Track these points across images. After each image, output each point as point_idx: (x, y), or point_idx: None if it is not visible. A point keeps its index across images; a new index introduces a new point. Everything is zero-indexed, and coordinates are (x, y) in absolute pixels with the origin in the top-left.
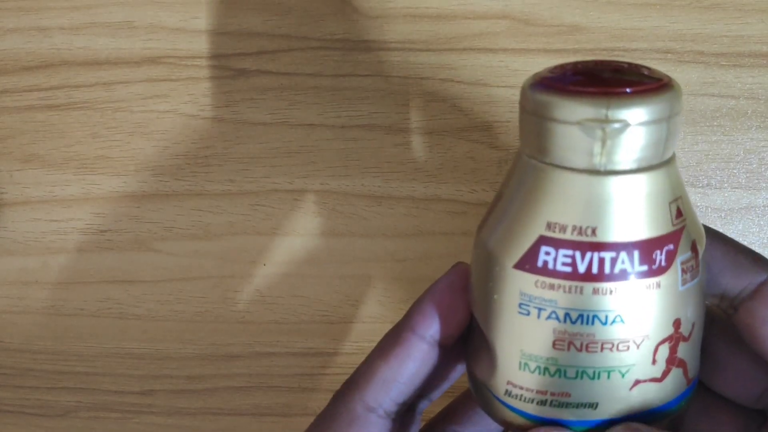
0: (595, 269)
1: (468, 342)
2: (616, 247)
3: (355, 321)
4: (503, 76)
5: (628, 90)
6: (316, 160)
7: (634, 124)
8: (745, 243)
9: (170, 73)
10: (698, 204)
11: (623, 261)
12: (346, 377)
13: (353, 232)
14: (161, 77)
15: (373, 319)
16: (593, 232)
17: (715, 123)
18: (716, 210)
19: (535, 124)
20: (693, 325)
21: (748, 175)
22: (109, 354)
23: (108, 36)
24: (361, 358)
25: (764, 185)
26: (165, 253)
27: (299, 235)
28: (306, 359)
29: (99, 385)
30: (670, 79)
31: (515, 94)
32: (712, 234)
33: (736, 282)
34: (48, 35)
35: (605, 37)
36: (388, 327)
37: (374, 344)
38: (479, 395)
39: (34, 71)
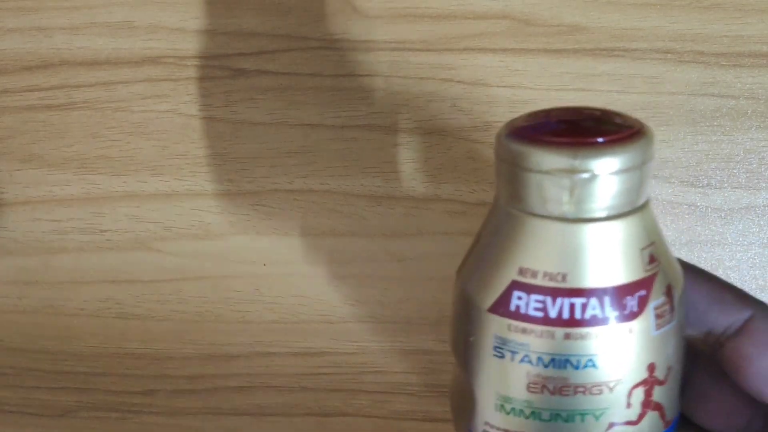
0: (566, 314)
1: (450, 382)
2: (587, 293)
3: (355, 321)
4: (503, 76)
5: (599, 140)
6: (315, 160)
7: (604, 174)
8: (745, 243)
9: (170, 73)
10: (698, 204)
11: (594, 307)
12: (346, 377)
13: (353, 232)
14: (161, 77)
15: (373, 319)
16: (563, 278)
17: (715, 123)
18: (716, 210)
19: (508, 172)
20: (669, 369)
21: (748, 175)
22: (109, 354)
23: (108, 36)
24: (361, 358)
25: (764, 185)
26: (165, 253)
27: (299, 235)
28: (306, 359)
29: (99, 385)
30: (642, 125)
31: (515, 94)
32: (697, 271)
33: (722, 319)
34: (48, 35)
35: (605, 37)
36: (388, 327)
37: (374, 344)
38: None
39: (34, 71)
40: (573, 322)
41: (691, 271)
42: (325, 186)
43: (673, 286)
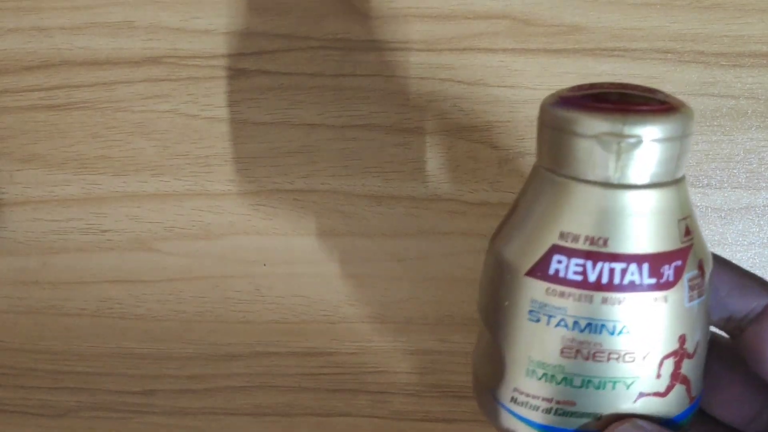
0: (605, 279)
1: (475, 350)
2: (627, 258)
3: (355, 321)
4: (503, 76)
5: (643, 108)
6: (316, 160)
7: (648, 140)
8: (745, 243)
9: (170, 73)
10: (698, 204)
11: (632, 273)
12: (347, 377)
13: (353, 232)
14: (161, 77)
15: (374, 319)
16: (605, 242)
17: (715, 123)
18: (716, 210)
19: (554, 137)
20: (697, 344)
21: (748, 175)
22: (109, 354)
23: (108, 36)
24: (361, 358)
25: (764, 185)
26: (165, 253)
27: (299, 235)
28: (306, 359)
29: (99, 385)
30: (683, 103)
31: (515, 94)
32: (719, 259)
33: (743, 304)
34: (48, 35)
35: (605, 37)
36: (388, 327)
37: (375, 344)
38: (483, 401)
39: (34, 71)
40: (611, 287)
41: (714, 257)
42: (325, 186)
43: (704, 262)
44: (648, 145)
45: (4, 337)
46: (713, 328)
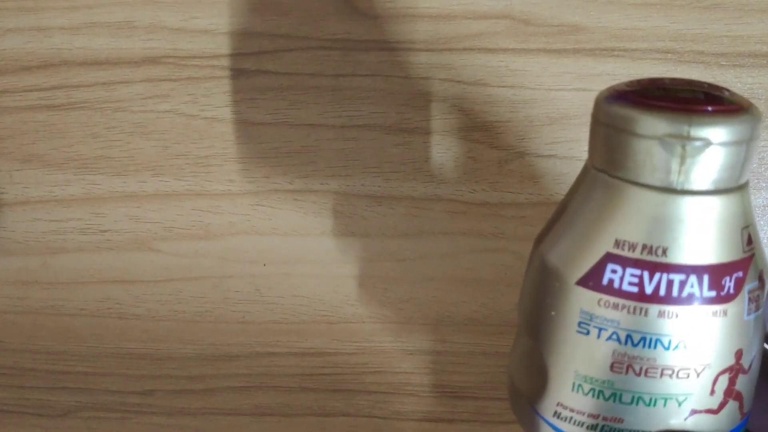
0: (662, 291)
1: (513, 355)
2: (686, 269)
3: (355, 321)
4: (503, 76)
5: (709, 108)
6: (316, 160)
7: (715, 143)
8: None
9: (170, 73)
10: None
11: (692, 285)
12: (347, 377)
13: (353, 232)
14: (161, 77)
15: (373, 319)
16: (664, 252)
17: None
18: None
19: (610, 137)
20: (753, 358)
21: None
22: (109, 354)
23: (108, 36)
24: (362, 358)
25: (764, 185)
26: (165, 253)
27: (299, 235)
28: (306, 359)
29: (99, 385)
30: (750, 103)
31: (515, 94)
32: None
33: None
34: (48, 35)
35: (605, 37)
36: (388, 327)
37: (375, 344)
38: (522, 414)
39: (34, 71)
40: (669, 299)
41: None
42: (325, 186)
43: (765, 272)
44: (714, 148)
45: (4, 337)
46: None
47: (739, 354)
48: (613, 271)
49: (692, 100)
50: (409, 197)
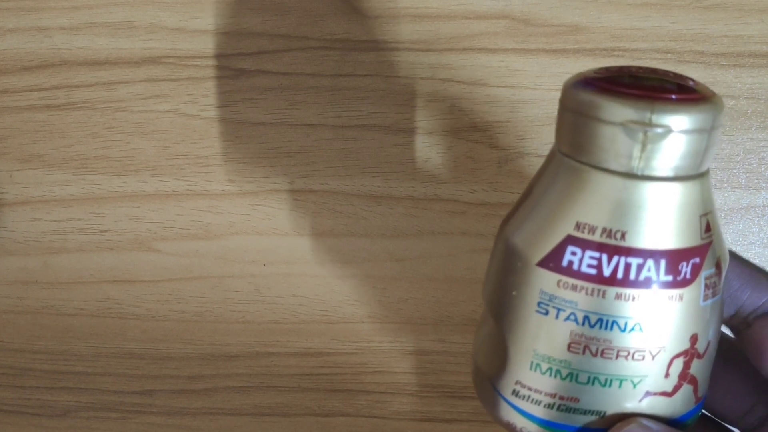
0: (620, 274)
1: (477, 337)
2: (644, 254)
3: (355, 321)
4: (503, 76)
5: (673, 96)
6: (316, 160)
7: (677, 131)
8: (745, 243)
9: (170, 73)
10: None
11: (649, 269)
12: (346, 377)
13: (353, 232)
14: (161, 77)
15: (373, 319)
16: (623, 236)
17: None
18: (716, 210)
19: (575, 122)
20: (708, 343)
21: (748, 175)
22: (109, 354)
23: (108, 36)
24: (361, 358)
25: (764, 185)
26: (165, 253)
27: (299, 235)
28: (306, 359)
29: (99, 385)
30: (714, 93)
31: (515, 94)
32: (733, 254)
33: (754, 299)
34: (48, 35)
35: (605, 37)
36: (388, 327)
37: (374, 344)
38: (483, 392)
39: (34, 71)
40: (626, 282)
41: (729, 253)
42: (325, 186)
43: (722, 260)
44: (676, 135)
45: (4, 337)
46: None
47: (694, 338)
48: (573, 253)
49: (657, 88)
50: (409, 197)
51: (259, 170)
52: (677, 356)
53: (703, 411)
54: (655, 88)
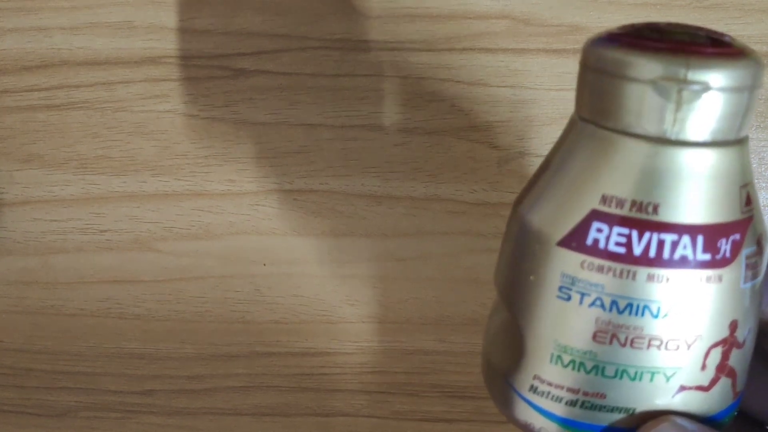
0: (652, 252)
1: (488, 333)
2: (680, 229)
3: (355, 321)
4: (503, 76)
5: (709, 51)
6: (315, 160)
7: (715, 88)
8: None
9: (170, 73)
10: None
11: (685, 246)
12: (347, 377)
13: (353, 232)
14: (161, 77)
15: (373, 319)
16: (655, 209)
17: None
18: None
19: (598, 82)
20: (749, 331)
21: None
22: (109, 354)
23: (108, 36)
24: (361, 358)
25: (764, 185)
26: (165, 253)
27: (299, 235)
28: (306, 359)
29: (99, 385)
30: (753, 50)
31: (515, 94)
32: None
33: None
34: (48, 35)
35: None
36: (387, 327)
37: (374, 344)
38: (495, 389)
39: (34, 71)
40: (659, 261)
41: None
42: (325, 186)
43: (763, 237)
44: (713, 94)
45: (4, 337)
46: None
47: (733, 325)
48: (599, 230)
49: (690, 43)
50: (409, 197)
51: (259, 170)
52: (715, 345)
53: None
54: (688, 42)
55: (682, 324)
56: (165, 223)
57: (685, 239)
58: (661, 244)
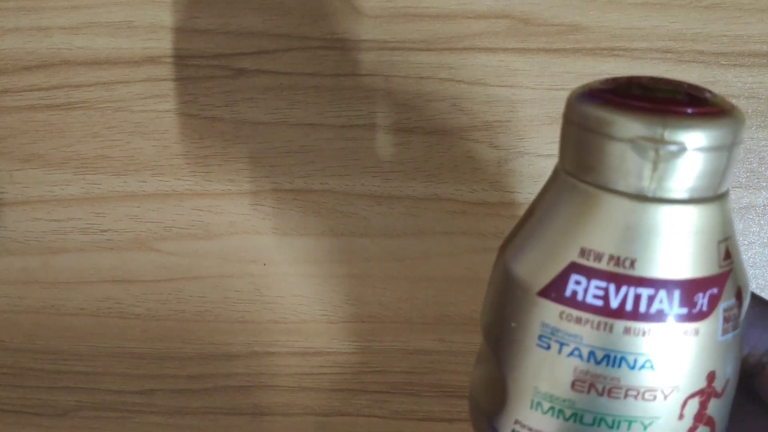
0: (629, 306)
1: (475, 367)
2: (656, 284)
3: (355, 321)
4: (503, 76)
5: (688, 110)
6: (315, 160)
7: (692, 149)
8: (745, 243)
9: (170, 73)
10: None
11: (661, 300)
12: (346, 377)
13: (353, 232)
14: (161, 77)
15: (373, 319)
16: (632, 264)
17: None
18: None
19: (580, 138)
20: (727, 381)
21: (748, 174)
22: (109, 354)
23: (108, 36)
24: (361, 358)
25: (764, 185)
26: (165, 253)
27: (299, 235)
28: (306, 359)
29: (99, 384)
30: (733, 105)
31: (515, 94)
32: None
33: (766, 338)
34: (48, 35)
35: (605, 37)
36: (388, 327)
37: (374, 344)
38: (480, 429)
39: (34, 71)
40: (636, 315)
41: None
42: (325, 186)
43: (743, 290)
44: (691, 154)
45: (4, 336)
46: None
47: (711, 376)
48: (577, 282)
49: (670, 101)
50: (409, 197)
51: (259, 170)
52: (692, 396)
53: None
54: (667, 100)
55: (659, 375)
56: (165, 222)
57: (662, 294)
58: (637, 298)
